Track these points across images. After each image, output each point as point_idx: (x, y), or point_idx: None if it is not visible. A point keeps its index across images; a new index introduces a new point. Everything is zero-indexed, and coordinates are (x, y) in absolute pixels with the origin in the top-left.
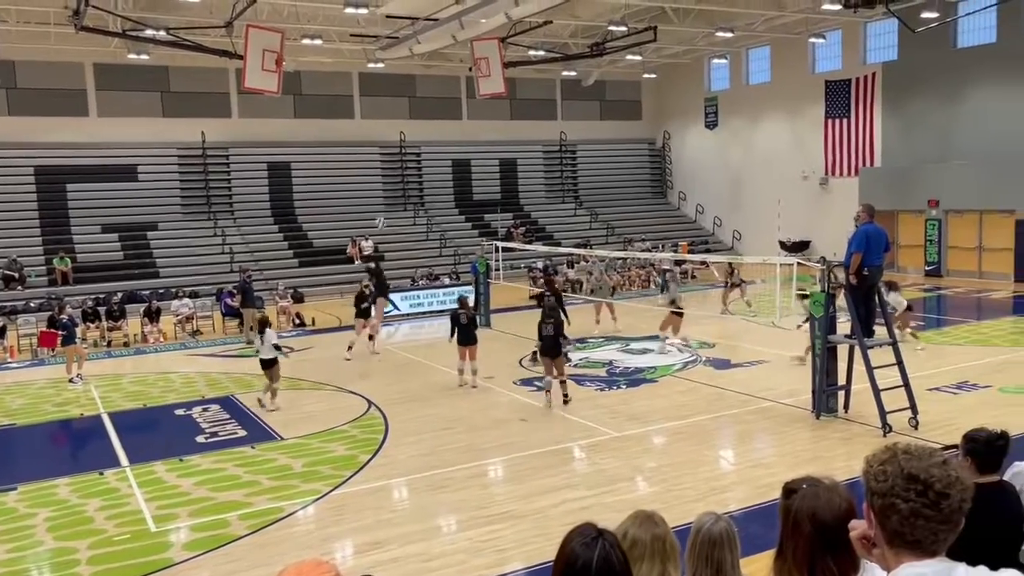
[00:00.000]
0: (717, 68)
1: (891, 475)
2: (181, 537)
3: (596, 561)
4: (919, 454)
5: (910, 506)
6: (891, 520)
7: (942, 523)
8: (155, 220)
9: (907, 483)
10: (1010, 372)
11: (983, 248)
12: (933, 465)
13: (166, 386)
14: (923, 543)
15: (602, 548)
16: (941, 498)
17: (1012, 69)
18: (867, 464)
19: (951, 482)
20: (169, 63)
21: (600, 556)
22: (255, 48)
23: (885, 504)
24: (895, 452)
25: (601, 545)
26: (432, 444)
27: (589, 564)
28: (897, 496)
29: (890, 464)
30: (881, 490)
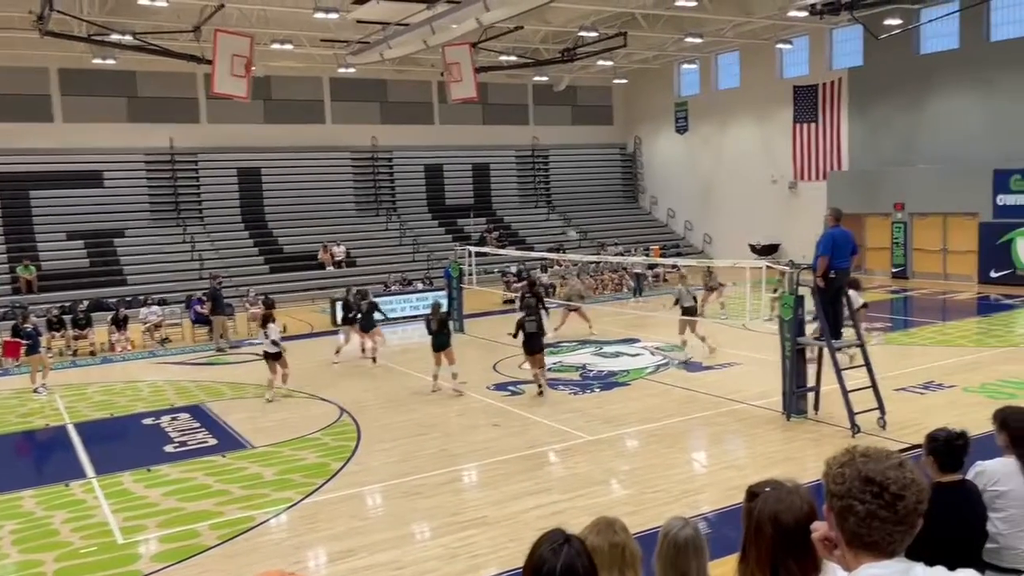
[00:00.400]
0: (687, 73)
1: (848, 477)
2: (150, 549)
3: (560, 567)
4: (876, 456)
5: (866, 508)
6: (849, 521)
7: (898, 524)
8: (122, 227)
9: (864, 485)
10: (974, 372)
11: (947, 250)
12: (889, 467)
13: (134, 395)
14: (880, 544)
15: (567, 554)
16: (897, 500)
17: (973, 74)
18: (827, 466)
19: (906, 484)
20: (136, 68)
21: (564, 562)
22: (224, 53)
23: (843, 506)
24: (853, 455)
25: (567, 551)
26: (405, 450)
27: (553, 570)
28: (854, 498)
29: (848, 467)
30: (839, 492)
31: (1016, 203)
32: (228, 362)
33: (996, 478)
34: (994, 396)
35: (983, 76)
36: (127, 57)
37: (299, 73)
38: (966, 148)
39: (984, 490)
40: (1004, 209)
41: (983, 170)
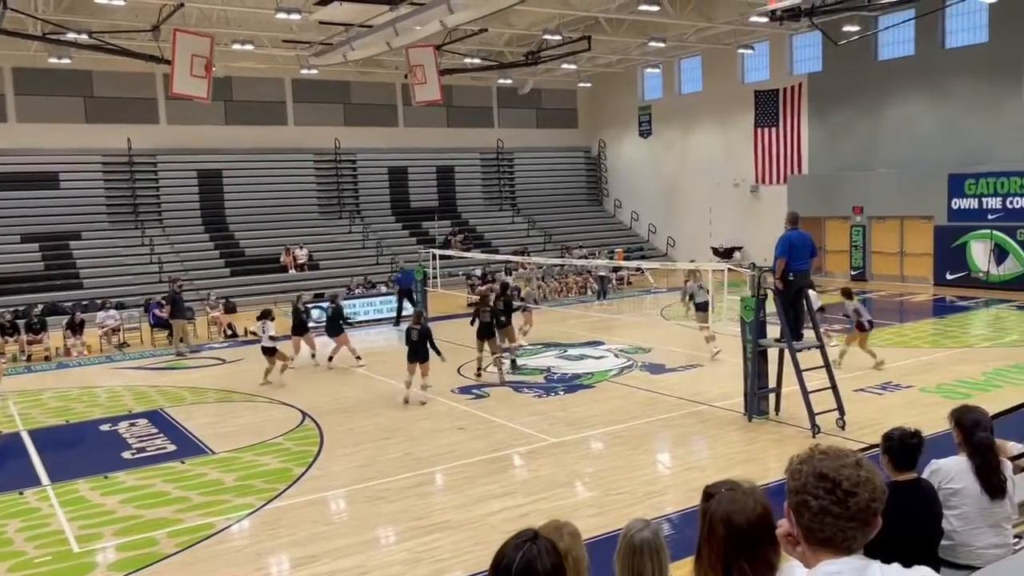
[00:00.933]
0: (650, 77)
1: (805, 473)
2: (106, 557)
3: (518, 562)
4: (834, 455)
5: (819, 503)
6: (803, 517)
7: (850, 521)
8: (78, 229)
9: (817, 481)
10: (931, 373)
11: (904, 253)
12: (845, 465)
13: (90, 401)
14: (834, 540)
15: (528, 550)
16: (848, 496)
17: (929, 81)
18: (789, 463)
19: (859, 482)
20: (93, 67)
21: (523, 558)
22: (183, 53)
23: (798, 501)
24: (813, 453)
25: (528, 548)
26: (369, 455)
27: (511, 565)
28: (808, 493)
29: (806, 463)
30: (795, 487)
31: (970, 207)
32: (188, 366)
33: (951, 476)
34: (950, 396)
35: (938, 82)
36: (83, 56)
37: (261, 74)
38: (922, 153)
39: (939, 488)
40: (958, 213)
41: (938, 174)
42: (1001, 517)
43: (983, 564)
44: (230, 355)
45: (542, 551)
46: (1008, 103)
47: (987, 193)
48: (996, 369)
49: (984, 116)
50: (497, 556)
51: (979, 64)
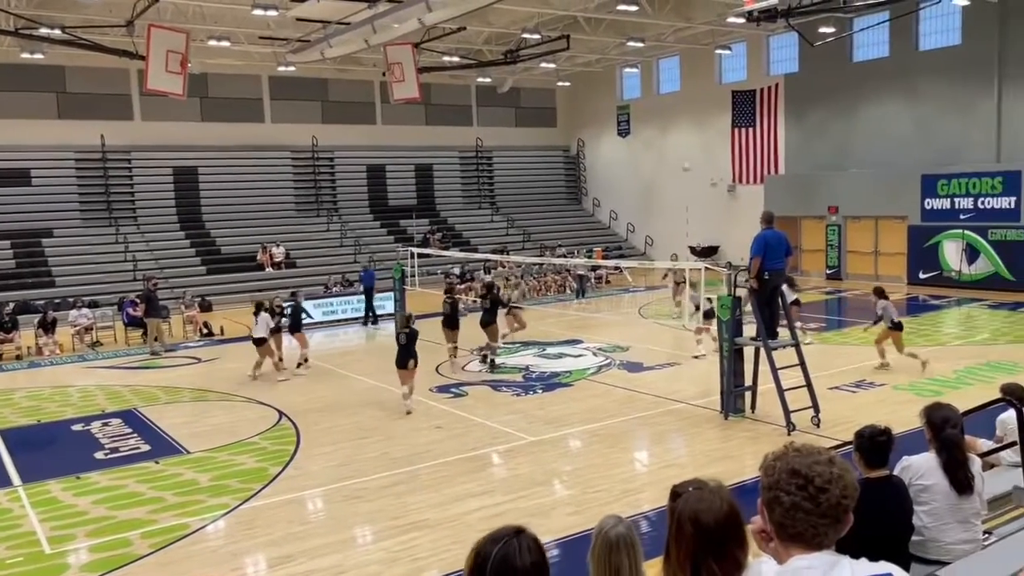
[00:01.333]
0: (629, 77)
1: (778, 470)
2: (79, 559)
3: (494, 557)
4: (807, 452)
5: (791, 499)
6: (775, 512)
7: (821, 517)
8: (50, 227)
9: (790, 477)
10: (903, 371)
11: (879, 252)
12: (817, 462)
13: (63, 400)
14: (805, 536)
15: (506, 544)
16: (820, 492)
17: (903, 82)
18: (763, 460)
19: (831, 479)
20: (66, 63)
21: (500, 553)
22: (158, 49)
23: (770, 496)
24: (787, 450)
25: (507, 542)
26: (346, 454)
27: (488, 558)
28: (780, 489)
29: (780, 460)
30: (768, 483)
31: (943, 207)
32: (163, 366)
33: (921, 472)
34: (922, 394)
35: (912, 84)
36: (56, 52)
37: (237, 71)
38: (896, 153)
39: (910, 484)
40: (932, 213)
41: (912, 175)
42: (970, 513)
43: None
44: (206, 354)
45: (523, 547)
46: (980, 105)
47: (959, 193)
48: (967, 367)
49: (957, 117)
50: (476, 549)
51: (952, 66)
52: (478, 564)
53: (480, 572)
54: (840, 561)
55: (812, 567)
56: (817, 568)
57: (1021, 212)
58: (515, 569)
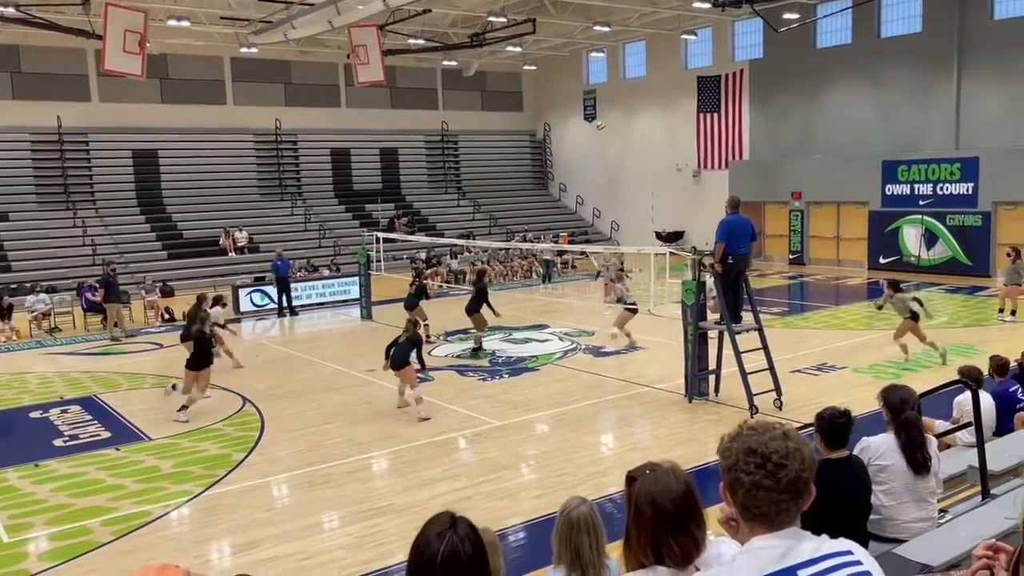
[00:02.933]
0: (595, 62)
1: (735, 451)
2: (38, 547)
3: (442, 553)
4: (761, 429)
5: (751, 478)
6: (738, 493)
7: (782, 493)
8: (5, 210)
9: (747, 456)
10: (863, 353)
11: (841, 238)
12: (772, 439)
13: (20, 387)
14: (769, 515)
15: (450, 540)
16: (779, 468)
17: (865, 68)
18: (720, 443)
19: (788, 453)
20: (20, 42)
21: (447, 549)
22: (115, 28)
23: (731, 479)
24: (741, 429)
25: (449, 538)
26: (310, 440)
27: (435, 557)
28: (740, 470)
29: (736, 441)
30: (727, 466)
31: (903, 192)
32: (124, 352)
33: (880, 452)
34: (880, 376)
35: (874, 71)
36: (10, 30)
37: (198, 52)
38: (858, 140)
39: (869, 464)
40: (892, 198)
41: (873, 161)
42: (926, 492)
43: (909, 537)
44: (168, 339)
45: (464, 538)
46: (939, 91)
47: (919, 179)
48: (925, 350)
49: (917, 104)
50: (417, 546)
51: (913, 53)
52: (426, 562)
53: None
54: (801, 539)
55: (774, 546)
56: (778, 547)
57: (978, 198)
58: (461, 564)
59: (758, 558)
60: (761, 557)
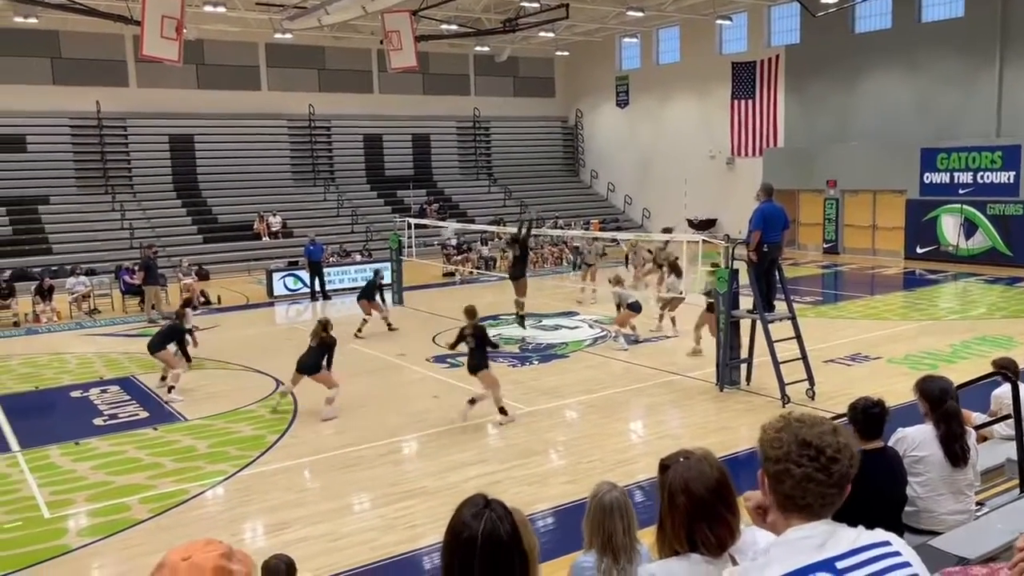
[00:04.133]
0: (628, 47)
1: (786, 441)
2: (78, 523)
3: (482, 533)
4: (811, 422)
5: (803, 471)
6: (784, 485)
7: (831, 487)
8: (46, 194)
9: (801, 449)
10: (898, 344)
11: (876, 227)
12: (825, 432)
13: (60, 367)
14: (813, 506)
15: (488, 520)
16: (832, 463)
17: (905, 54)
18: (763, 432)
19: (840, 448)
20: (60, 27)
21: (486, 528)
22: (153, 14)
23: (779, 469)
24: (789, 420)
25: (487, 517)
26: (343, 423)
27: (475, 536)
28: (791, 461)
29: (785, 431)
30: (776, 456)
31: (941, 181)
32: None
33: (916, 444)
34: (916, 367)
35: (914, 57)
36: (50, 16)
37: (234, 38)
38: (896, 127)
39: (904, 455)
40: (930, 187)
41: (911, 148)
42: (963, 484)
43: (945, 530)
44: (203, 322)
45: (501, 516)
46: (981, 78)
47: (958, 168)
48: (963, 341)
49: (958, 91)
50: (454, 527)
51: (954, 38)
52: (465, 541)
53: (469, 551)
54: (837, 530)
55: (810, 536)
56: (815, 538)
57: (1020, 187)
58: (502, 542)
59: (795, 548)
60: (798, 547)
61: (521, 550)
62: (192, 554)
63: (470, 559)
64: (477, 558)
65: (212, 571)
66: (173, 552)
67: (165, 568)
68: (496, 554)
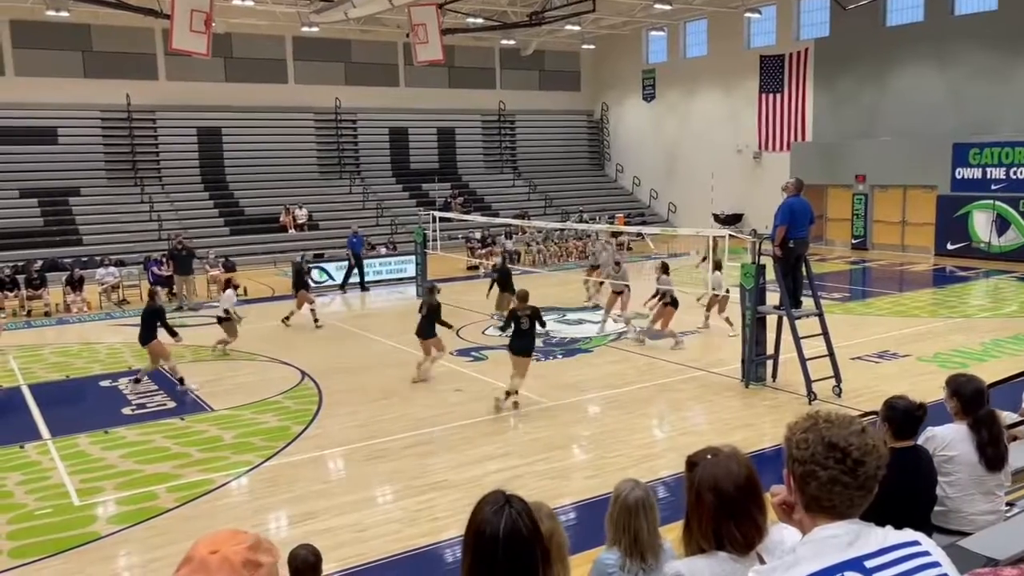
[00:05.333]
0: (655, 40)
1: (812, 443)
2: (107, 510)
3: (503, 529)
4: (839, 423)
5: (829, 473)
6: (810, 486)
7: (858, 489)
8: (77, 185)
9: (827, 451)
10: (928, 342)
11: (906, 222)
12: (852, 434)
13: (90, 357)
14: (839, 507)
15: (508, 516)
16: (858, 465)
17: (937, 48)
18: (789, 432)
19: (868, 450)
20: (91, 21)
21: (507, 524)
22: (182, 8)
23: (805, 471)
24: (816, 420)
25: (508, 513)
26: (367, 415)
27: (496, 532)
28: (817, 463)
29: (811, 432)
30: (802, 457)
31: (974, 176)
32: (188, 324)
33: (946, 443)
34: (946, 365)
35: (946, 50)
36: (81, 10)
37: (261, 31)
38: (927, 121)
39: (934, 455)
40: (962, 183)
41: (943, 143)
42: (994, 485)
43: (974, 530)
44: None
45: (522, 513)
46: (1015, 72)
47: (991, 163)
48: (994, 340)
49: (991, 85)
50: (476, 524)
51: (987, 32)
52: (488, 538)
53: (492, 547)
54: (865, 529)
55: (838, 535)
56: (843, 537)
57: None
58: (523, 538)
59: (824, 547)
60: (827, 546)
61: (542, 546)
62: (220, 547)
63: (492, 556)
64: (499, 555)
65: (242, 564)
66: (200, 545)
67: (194, 562)
68: (517, 551)
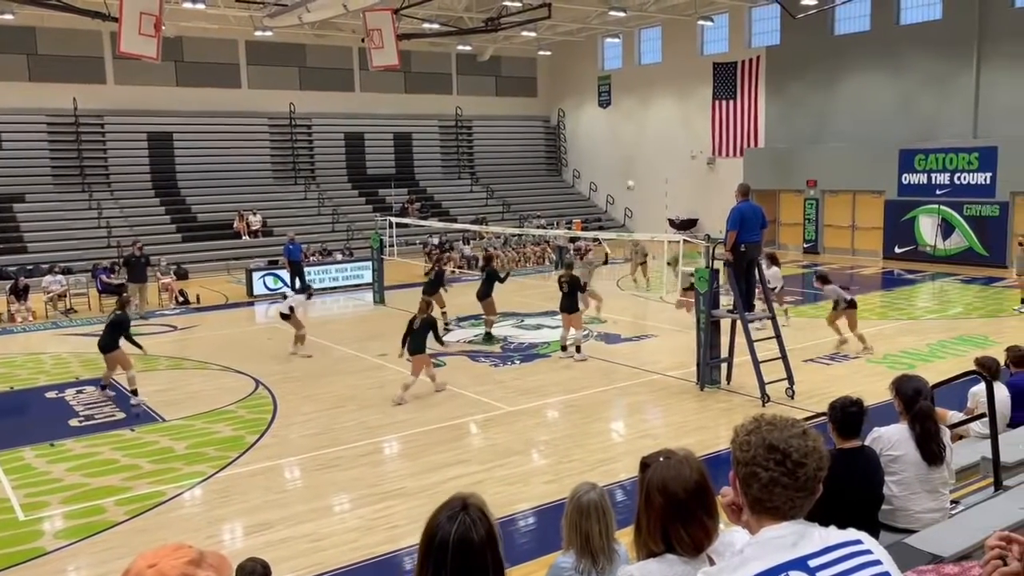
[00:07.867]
0: (610, 47)
1: (754, 445)
2: (53, 525)
3: (453, 536)
4: (781, 425)
5: (770, 475)
6: (753, 487)
7: (799, 491)
8: (22, 191)
9: (767, 453)
10: (877, 343)
11: (856, 227)
12: (792, 436)
13: (36, 367)
14: (781, 509)
15: (461, 523)
16: (798, 467)
17: (884, 56)
18: (734, 434)
19: (808, 452)
20: (36, 24)
21: (458, 532)
22: (131, 10)
23: (748, 472)
24: (759, 423)
25: (461, 519)
26: (323, 423)
27: (447, 539)
28: (758, 465)
29: (754, 435)
30: (744, 459)
31: (919, 182)
32: (139, 333)
33: (892, 443)
34: (894, 367)
35: (893, 58)
36: (26, 12)
37: (213, 35)
38: (875, 128)
39: (881, 454)
40: (908, 187)
41: (890, 149)
42: (939, 483)
43: (920, 528)
44: (182, 322)
45: (476, 520)
46: (959, 80)
47: (936, 168)
48: (940, 341)
49: (936, 92)
50: (429, 529)
51: (932, 40)
52: (438, 545)
53: (441, 553)
54: (809, 529)
55: (783, 536)
56: (788, 537)
57: (996, 188)
58: (473, 546)
59: (769, 547)
60: (772, 547)
61: (496, 554)
62: (158, 561)
63: (442, 562)
64: (449, 561)
65: None
66: (141, 558)
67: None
68: (468, 558)
